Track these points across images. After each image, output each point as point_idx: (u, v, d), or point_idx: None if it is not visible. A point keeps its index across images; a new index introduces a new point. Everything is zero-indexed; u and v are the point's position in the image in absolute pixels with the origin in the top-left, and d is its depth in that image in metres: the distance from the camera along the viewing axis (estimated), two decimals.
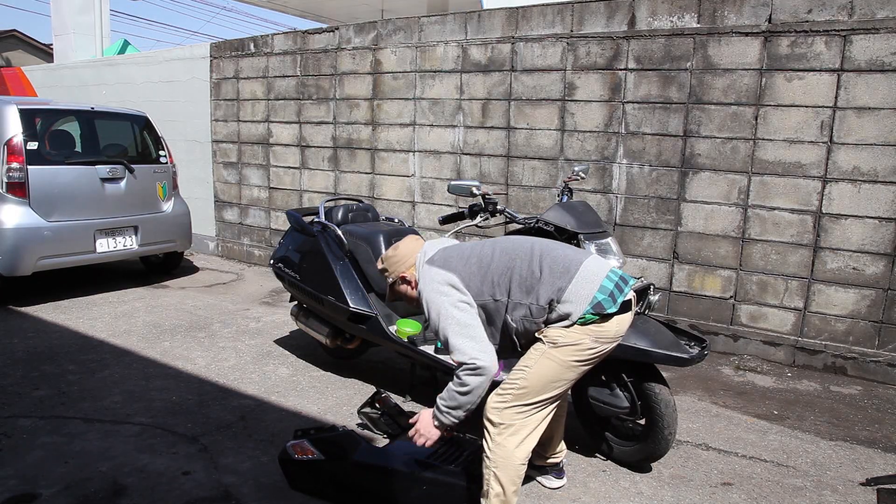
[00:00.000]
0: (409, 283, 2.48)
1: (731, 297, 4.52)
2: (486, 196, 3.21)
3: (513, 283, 2.24)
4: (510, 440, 2.17)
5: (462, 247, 2.43)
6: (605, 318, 2.20)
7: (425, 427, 2.28)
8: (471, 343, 2.17)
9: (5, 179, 5.03)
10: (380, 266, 2.56)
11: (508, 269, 2.26)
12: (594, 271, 2.25)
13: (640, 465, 2.90)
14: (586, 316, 2.17)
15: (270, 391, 3.69)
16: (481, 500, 2.25)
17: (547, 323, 2.22)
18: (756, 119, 4.30)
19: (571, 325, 2.19)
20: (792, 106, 4.18)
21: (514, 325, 2.26)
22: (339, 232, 3.77)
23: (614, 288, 2.22)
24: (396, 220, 4.25)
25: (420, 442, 2.30)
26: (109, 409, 3.38)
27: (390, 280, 2.52)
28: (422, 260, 2.43)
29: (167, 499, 2.56)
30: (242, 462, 2.87)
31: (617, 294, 2.22)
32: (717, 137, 4.43)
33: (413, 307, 2.55)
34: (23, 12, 52.06)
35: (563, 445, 2.72)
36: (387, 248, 3.66)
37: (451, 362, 3.24)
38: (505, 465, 2.16)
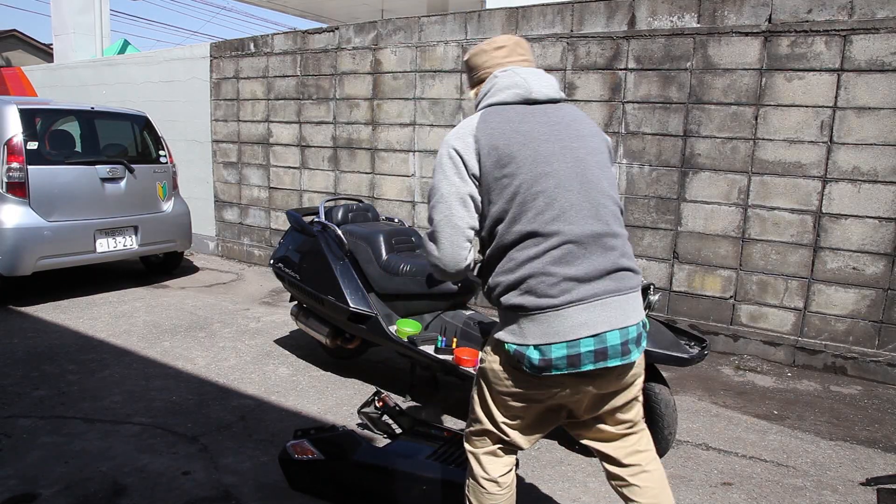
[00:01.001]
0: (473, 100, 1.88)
1: (731, 297, 4.52)
2: None
3: (511, 244, 1.67)
4: (472, 463, 1.90)
5: (528, 139, 1.68)
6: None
7: None
8: (442, 241, 1.73)
9: (5, 179, 5.03)
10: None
11: (531, 234, 1.65)
12: (578, 324, 1.61)
13: None
14: (508, 347, 1.69)
15: (270, 391, 3.69)
16: None
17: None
18: (756, 119, 4.30)
19: (497, 345, 1.74)
20: (792, 106, 4.18)
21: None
22: (339, 232, 3.77)
23: (596, 348, 1.62)
24: (396, 220, 4.25)
25: None
26: (109, 409, 3.38)
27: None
28: (487, 91, 1.79)
29: (167, 499, 2.56)
30: (242, 462, 2.87)
31: (600, 357, 1.63)
32: (717, 137, 4.43)
33: None
34: (23, 12, 52.12)
35: None
36: (387, 249, 3.68)
37: (452, 362, 3.26)
38: (472, 488, 1.90)
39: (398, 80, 5.87)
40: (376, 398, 3.03)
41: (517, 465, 1.99)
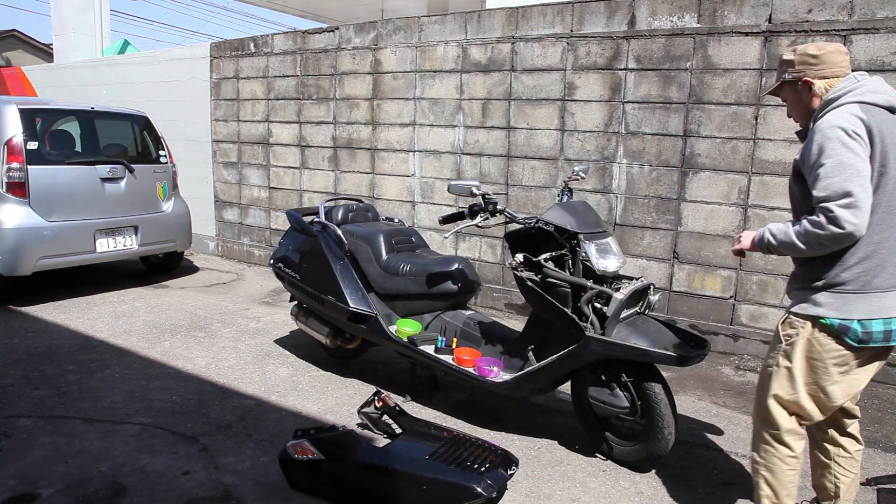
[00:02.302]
0: (809, 94, 2.10)
1: (731, 296, 4.52)
2: (486, 196, 3.20)
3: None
4: (775, 445, 2.18)
5: (893, 142, 1.98)
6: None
7: (746, 238, 2.30)
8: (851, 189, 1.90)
9: (5, 179, 5.03)
10: (787, 56, 2.13)
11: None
12: (892, 305, 2.01)
13: (640, 465, 2.90)
14: (830, 322, 2.02)
15: (270, 391, 3.69)
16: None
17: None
18: (756, 119, 4.30)
19: (815, 320, 2.06)
20: None
21: None
22: (339, 232, 3.77)
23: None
24: (396, 220, 4.25)
25: (735, 247, 2.31)
26: (109, 409, 3.38)
27: (787, 76, 2.13)
28: (852, 89, 2.00)
29: (167, 499, 2.57)
30: (242, 462, 2.87)
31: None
32: (718, 137, 4.43)
33: (794, 118, 2.27)
34: (23, 12, 52.09)
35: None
36: (387, 249, 3.68)
37: (452, 362, 3.26)
38: (775, 469, 2.17)
39: (398, 80, 5.87)
40: (376, 398, 3.04)
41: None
